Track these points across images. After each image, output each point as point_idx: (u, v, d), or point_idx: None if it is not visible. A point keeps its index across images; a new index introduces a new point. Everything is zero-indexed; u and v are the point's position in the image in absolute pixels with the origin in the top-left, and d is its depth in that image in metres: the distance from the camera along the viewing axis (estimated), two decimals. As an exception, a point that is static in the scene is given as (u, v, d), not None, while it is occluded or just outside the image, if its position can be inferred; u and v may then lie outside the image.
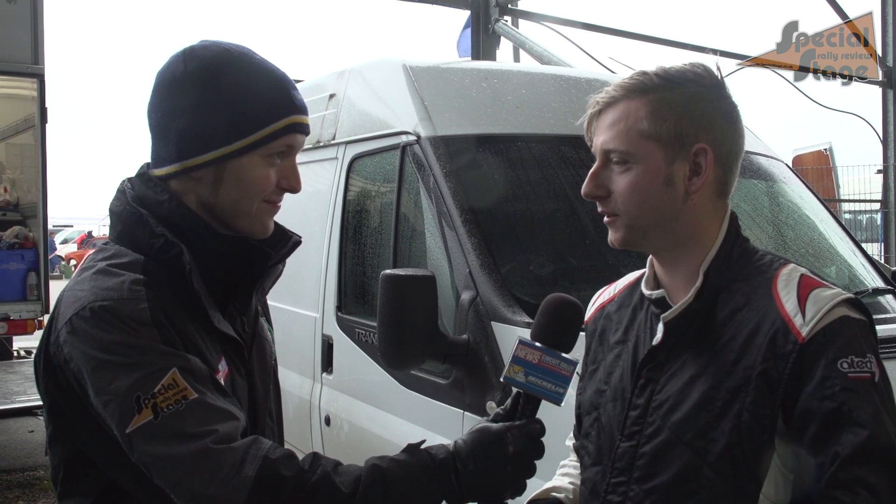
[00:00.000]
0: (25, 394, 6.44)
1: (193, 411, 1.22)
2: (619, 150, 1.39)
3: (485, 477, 1.33)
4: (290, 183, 1.43)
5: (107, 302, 1.26)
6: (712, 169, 1.39)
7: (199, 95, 1.36)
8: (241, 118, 1.36)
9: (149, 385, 1.22)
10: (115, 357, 1.24)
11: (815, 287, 1.33)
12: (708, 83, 1.42)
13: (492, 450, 1.35)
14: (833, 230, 3.66)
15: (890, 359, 2.48)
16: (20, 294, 7.44)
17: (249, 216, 1.41)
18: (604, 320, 1.62)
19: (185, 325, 1.31)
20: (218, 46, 1.41)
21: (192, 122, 1.36)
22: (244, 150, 1.36)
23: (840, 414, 1.22)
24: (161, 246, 1.34)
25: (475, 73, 3.61)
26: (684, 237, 1.42)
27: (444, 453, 1.34)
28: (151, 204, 1.39)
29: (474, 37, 8.77)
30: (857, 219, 13.72)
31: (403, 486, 1.29)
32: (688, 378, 1.37)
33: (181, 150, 1.37)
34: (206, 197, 1.39)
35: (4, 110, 8.15)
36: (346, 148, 3.62)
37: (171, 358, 1.25)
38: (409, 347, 2.44)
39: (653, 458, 1.38)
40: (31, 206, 7.85)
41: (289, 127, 1.39)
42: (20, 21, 7.14)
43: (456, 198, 2.83)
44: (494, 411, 1.45)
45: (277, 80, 1.41)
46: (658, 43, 10.16)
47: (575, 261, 2.85)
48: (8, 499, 5.92)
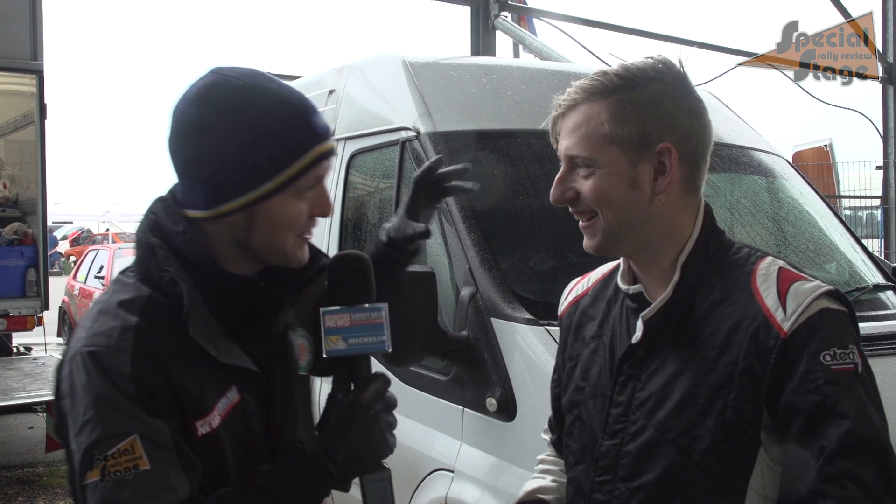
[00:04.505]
0: (25, 390, 6.42)
1: (137, 483, 1.23)
2: (582, 156, 1.38)
3: (360, 451, 1.37)
4: (322, 210, 1.42)
5: (94, 348, 1.29)
6: (677, 167, 1.38)
7: (219, 142, 1.33)
8: (266, 160, 1.33)
9: (105, 447, 1.24)
10: (87, 409, 1.26)
11: (795, 280, 1.32)
12: (670, 80, 1.40)
13: (356, 422, 1.37)
14: (833, 226, 3.66)
15: (891, 355, 2.48)
16: (19, 290, 7.45)
17: (285, 253, 1.41)
18: (578, 315, 1.60)
19: (180, 368, 1.31)
20: (231, 84, 1.36)
21: (216, 170, 1.34)
22: (274, 191, 1.35)
23: (825, 407, 1.22)
24: (167, 281, 1.34)
25: (475, 68, 3.61)
26: (657, 237, 1.41)
27: (313, 444, 1.37)
28: (168, 234, 1.38)
29: (473, 32, 8.75)
30: (858, 215, 13.72)
31: (288, 495, 1.34)
32: (669, 375, 1.36)
33: (209, 198, 1.36)
34: (240, 238, 1.39)
35: (3, 107, 8.14)
36: (346, 144, 3.61)
37: (136, 423, 1.26)
38: (408, 344, 2.43)
39: (638, 457, 1.37)
40: (31, 202, 7.84)
41: (316, 159, 1.37)
42: (19, 17, 7.13)
43: (456, 194, 2.82)
44: (328, 393, 1.46)
45: (296, 111, 1.38)
46: (657, 39, 10.14)
47: (574, 257, 2.84)
48: (8, 495, 5.93)
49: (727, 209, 3.43)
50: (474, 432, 2.60)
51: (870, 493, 1.18)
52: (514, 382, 2.42)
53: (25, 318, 7.50)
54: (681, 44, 10.09)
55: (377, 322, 1.40)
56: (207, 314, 1.36)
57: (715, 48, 10.85)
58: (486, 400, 2.48)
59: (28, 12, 7.16)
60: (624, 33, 9.99)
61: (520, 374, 2.42)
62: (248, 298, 1.41)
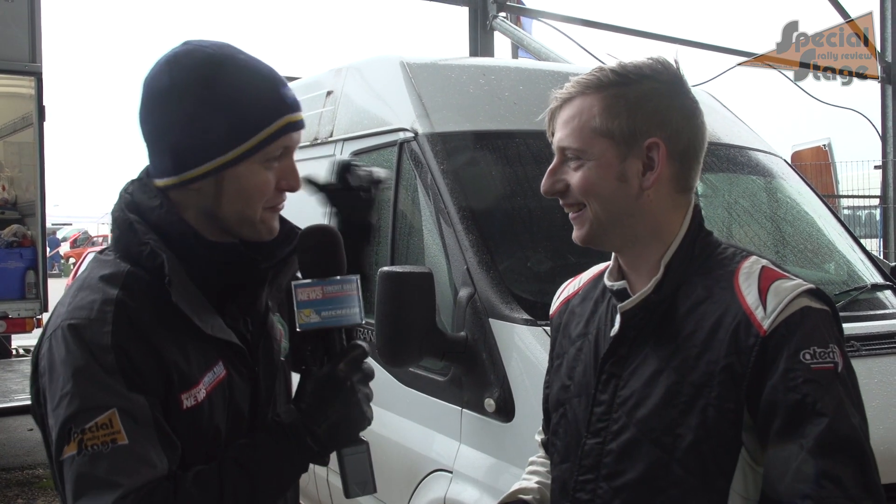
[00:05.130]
0: (24, 392, 6.43)
1: (114, 457, 1.22)
2: (573, 148, 1.40)
3: (339, 423, 1.37)
4: (290, 183, 1.42)
5: (75, 321, 1.28)
6: (665, 164, 1.38)
7: (188, 107, 1.34)
8: (234, 126, 1.34)
9: (83, 420, 1.23)
10: (66, 382, 1.25)
11: (776, 279, 1.32)
12: (665, 79, 1.41)
13: (334, 394, 1.37)
14: (832, 226, 3.66)
15: (889, 354, 2.49)
16: (19, 292, 7.43)
17: (254, 224, 1.40)
18: (567, 314, 1.61)
19: (164, 339, 1.31)
20: (202, 52, 1.37)
21: (185, 134, 1.34)
22: (241, 157, 1.35)
23: (804, 406, 1.22)
24: (147, 254, 1.34)
25: (473, 69, 3.61)
26: (643, 233, 1.41)
27: (291, 418, 1.36)
28: (144, 210, 1.38)
29: (472, 33, 8.75)
30: (856, 214, 13.72)
31: (265, 470, 1.33)
32: (651, 373, 1.36)
33: (177, 163, 1.36)
34: (209, 207, 1.38)
35: (2, 109, 8.13)
36: (344, 145, 3.61)
37: (115, 397, 1.25)
38: (406, 345, 2.43)
39: (620, 456, 1.37)
40: (30, 204, 7.83)
41: (283, 128, 1.37)
42: (18, 19, 7.12)
43: (453, 195, 2.82)
44: (303, 367, 1.45)
45: (266, 80, 1.39)
46: (656, 39, 10.15)
47: (573, 257, 2.84)
48: (7, 497, 5.92)
49: (725, 209, 3.43)
50: (473, 433, 2.60)
51: (848, 493, 1.18)
52: (512, 383, 2.42)
53: (25, 320, 7.49)
54: (679, 44, 10.10)
55: (350, 294, 1.40)
56: (190, 286, 1.35)
57: (714, 48, 10.86)
58: (485, 400, 2.48)
59: (27, 14, 7.14)
60: (622, 33, 10.00)
61: (518, 375, 2.42)
62: (230, 264, 1.39)
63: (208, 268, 1.38)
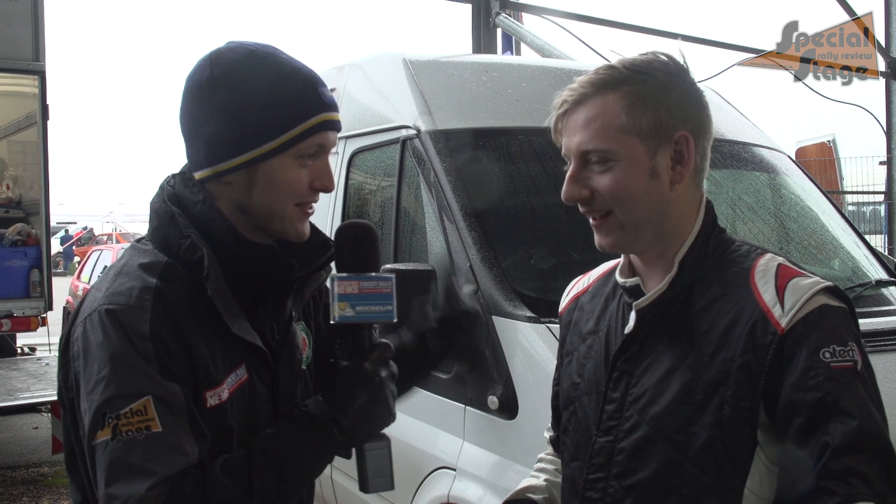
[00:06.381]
0: (29, 390, 6.43)
1: (148, 445, 1.23)
2: (599, 150, 1.35)
3: (365, 416, 1.37)
4: (323, 183, 1.43)
5: (113, 306, 1.29)
6: (694, 156, 1.37)
7: (226, 99, 1.36)
8: (270, 120, 1.35)
9: (118, 405, 1.24)
10: (102, 367, 1.26)
11: (793, 276, 1.30)
12: (675, 71, 1.39)
13: (363, 388, 1.37)
14: (836, 222, 3.65)
15: (894, 350, 2.47)
16: (23, 291, 7.45)
17: (283, 220, 1.41)
18: (577, 311, 1.59)
19: (195, 334, 1.32)
20: (244, 48, 1.40)
21: (222, 126, 1.36)
22: (275, 151, 1.36)
23: (826, 404, 1.20)
24: (187, 247, 1.35)
25: (475, 66, 3.60)
26: (669, 230, 1.39)
27: (318, 409, 1.36)
28: (186, 204, 1.40)
29: (475, 30, 8.74)
30: (861, 210, 13.68)
31: (294, 459, 1.33)
32: (664, 370, 1.35)
33: (212, 154, 1.38)
34: (240, 200, 1.39)
35: (6, 107, 8.14)
36: (347, 143, 3.61)
37: (150, 384, 1.25)
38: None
39: (632, 454, 1.36)
40: (34, 203, 7.84)
41: (319, 125, 1.38)
42: (21, 18, 7.13)
43: (456, 192, 2.82)
44: (332, 361, 1.45)
45: (305, 79, 1.40)
46: (659, 35, 10.13)
47: (576, 254, 2.84)
48: (13, 495, 5.94)
49: (729, 206, 3.42)
50: (476, 430, 2.60)
51: (875, 489, 1.17)
52: (515, 380, 2.42)
53: (29, 319, 7.52)
54: (682, 40, 10.08)
55: (386, 291, 1.41)
56: (224, 285, 1.37)
57: (716, 44, 10.84)
58: (488, 398, 2.48)
59: (30, 13, 7.16)
60: (624, 30, 9.99)
61: (521, 372, 2.42)
62: (265, 266, 1.40)
63: (243, 266, 1.39)
